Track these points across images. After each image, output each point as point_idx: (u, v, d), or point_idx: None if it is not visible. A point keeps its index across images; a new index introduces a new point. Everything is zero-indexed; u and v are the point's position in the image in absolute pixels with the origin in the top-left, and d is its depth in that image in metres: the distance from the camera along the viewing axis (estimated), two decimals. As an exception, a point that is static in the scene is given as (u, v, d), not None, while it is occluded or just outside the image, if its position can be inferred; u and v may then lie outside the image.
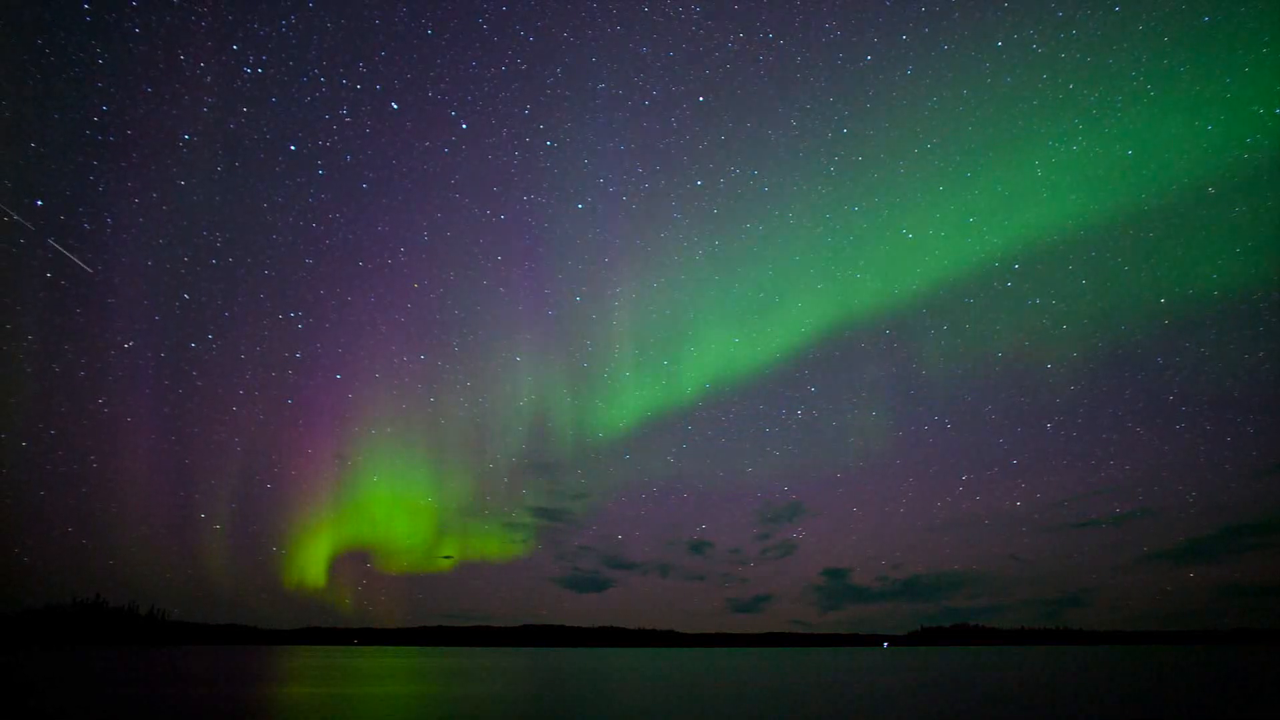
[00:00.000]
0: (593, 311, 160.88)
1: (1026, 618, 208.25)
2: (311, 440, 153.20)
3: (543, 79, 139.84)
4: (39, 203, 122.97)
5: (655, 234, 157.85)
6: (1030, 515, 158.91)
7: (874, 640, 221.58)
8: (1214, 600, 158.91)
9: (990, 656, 72.48)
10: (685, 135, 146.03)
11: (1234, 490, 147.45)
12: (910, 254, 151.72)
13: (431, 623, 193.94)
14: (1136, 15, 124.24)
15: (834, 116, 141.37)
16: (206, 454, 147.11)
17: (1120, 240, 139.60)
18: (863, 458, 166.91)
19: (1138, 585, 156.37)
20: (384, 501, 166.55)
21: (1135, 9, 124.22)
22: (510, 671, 36.80)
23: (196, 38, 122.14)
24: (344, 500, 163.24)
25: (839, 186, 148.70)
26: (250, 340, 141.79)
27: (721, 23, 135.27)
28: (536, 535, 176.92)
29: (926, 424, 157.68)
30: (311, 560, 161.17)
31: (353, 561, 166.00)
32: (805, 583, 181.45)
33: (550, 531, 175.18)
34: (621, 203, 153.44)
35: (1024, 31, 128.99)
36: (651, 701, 18.56)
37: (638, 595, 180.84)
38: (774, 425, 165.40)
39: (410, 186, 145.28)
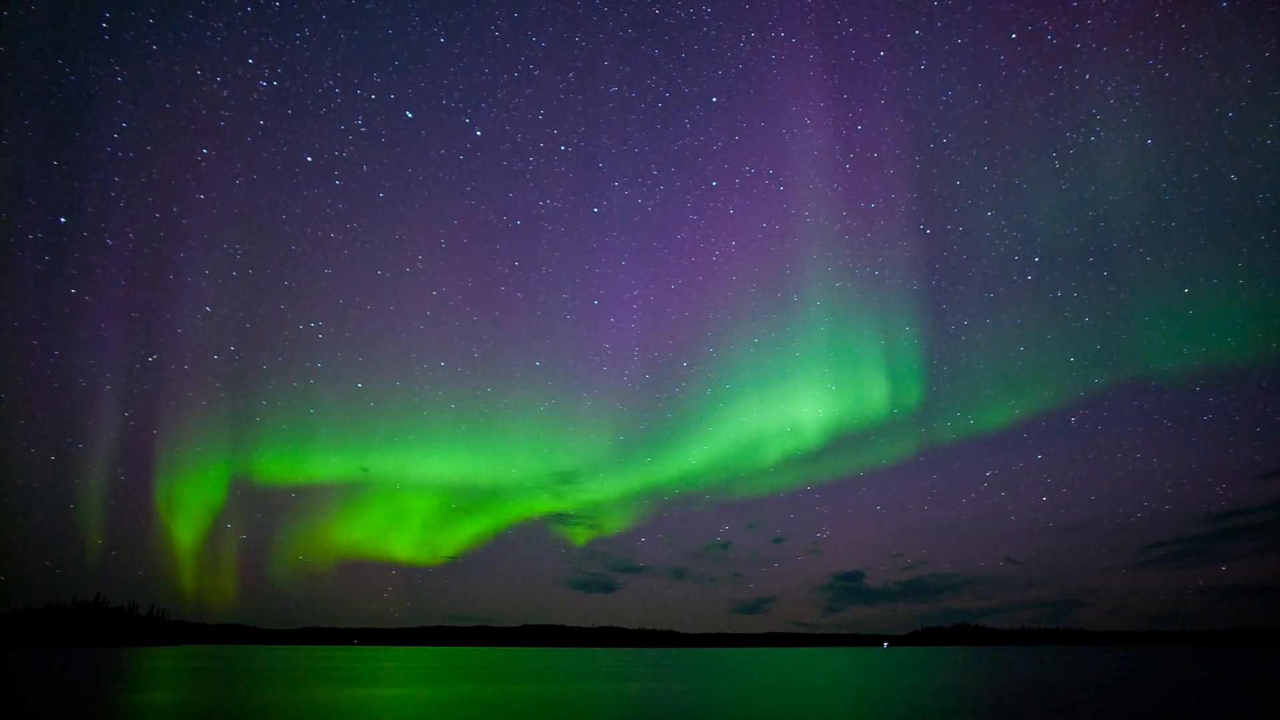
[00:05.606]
0: (610, 314, 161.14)
1: (1028, 619, 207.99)
2: (333, 448, 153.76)
3: (555, 84, 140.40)
4: (63, 219, 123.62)
5: (671, 236, 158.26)
6: (1056, 511, 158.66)
7: (874, 640, 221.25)
8: (1214, 600, 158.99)
9: (989, 656, 72.23)
10: (699, 136, 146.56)
11: (1247, 488, 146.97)
12: (928, 249, 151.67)
13: (432, 623, 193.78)
14: (1153, 2, 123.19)
15: (848, 113, 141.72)
16: (231, 464, 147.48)
17: (1141, 230, 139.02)
18: (886, 456, 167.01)
19: (1139, 586, 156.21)
20: (401, 506, 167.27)
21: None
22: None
23: (212, 53, 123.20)
24: (362, 505, 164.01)
25: (855, 183, 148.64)
26: (272, 351, 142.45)
27: (732, 22, 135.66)
28: (551, 538, 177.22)
29: (949, 419, 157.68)
30: (321, 563, 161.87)
31: (363, 564, 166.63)
32: (814, 583, 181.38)
33: (566, 534, 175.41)
34: (637, 205, 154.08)
35: (1038, 22, 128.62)
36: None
37: (645, 597, 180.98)
38: (795, 424, 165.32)
39: (426, 194, 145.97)
